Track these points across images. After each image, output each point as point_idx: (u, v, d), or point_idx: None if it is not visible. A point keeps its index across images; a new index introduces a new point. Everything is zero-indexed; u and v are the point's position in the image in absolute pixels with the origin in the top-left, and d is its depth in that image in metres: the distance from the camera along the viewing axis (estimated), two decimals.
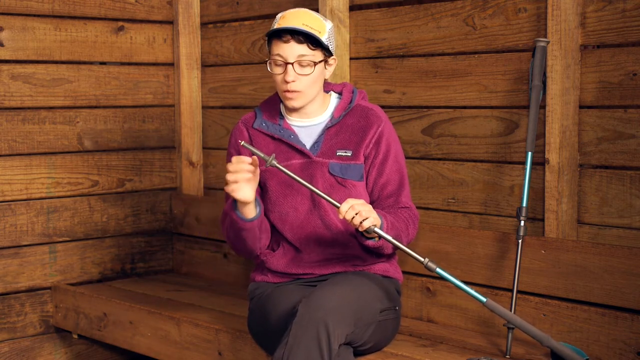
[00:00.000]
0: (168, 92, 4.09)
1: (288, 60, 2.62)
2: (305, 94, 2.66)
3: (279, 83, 2.66)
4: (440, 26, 3.14)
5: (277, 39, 2.64)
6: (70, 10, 3.76)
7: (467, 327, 3.02)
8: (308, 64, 2.63)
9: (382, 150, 2.71)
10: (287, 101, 2.68)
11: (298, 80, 2.63)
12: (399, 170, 2.73)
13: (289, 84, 2.63)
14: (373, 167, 2.71)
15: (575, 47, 2.78)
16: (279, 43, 2.63)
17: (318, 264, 2.72)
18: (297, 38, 2.61)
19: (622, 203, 2.74)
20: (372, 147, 2.71)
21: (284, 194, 2.72)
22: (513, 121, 2.98)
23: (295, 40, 2.61)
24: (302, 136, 2.75)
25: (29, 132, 3.69)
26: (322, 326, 2.39)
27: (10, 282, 3.67)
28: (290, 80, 2.62)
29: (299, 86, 2.64)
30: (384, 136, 2.71)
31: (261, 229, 2.68)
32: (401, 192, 2.72)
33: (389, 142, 2.72)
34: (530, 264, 2.82)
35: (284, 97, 2.68)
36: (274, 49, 2.64)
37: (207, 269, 3.99)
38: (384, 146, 2.71)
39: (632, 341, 2.62)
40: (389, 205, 2.71)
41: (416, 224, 2.74)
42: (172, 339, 3.23)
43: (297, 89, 2.64)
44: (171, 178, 4.13)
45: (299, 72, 2.62)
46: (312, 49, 2.63)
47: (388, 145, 2.72)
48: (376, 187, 2.72)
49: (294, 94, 2.65)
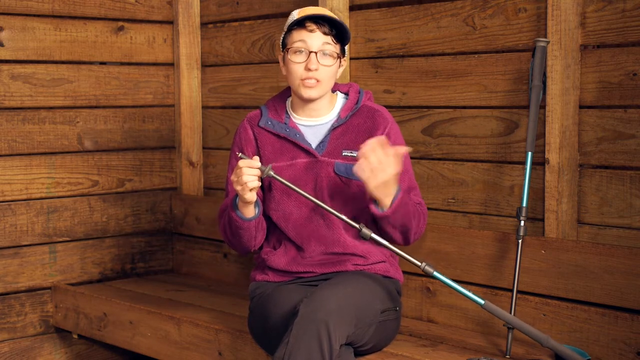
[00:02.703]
0: (168, 92, 4.09)
1: (312, 48, 2.63)
2: (323, 85, 2.67)
3: (297, 72, 2.66)
4: (440, 26, 3.14)
5: (300, 29, 2.65)
6: (70, 10, 3.76)
7: (467, 327, 3.02)
8: (331, 54, 2.64)
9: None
10: (304, 90, 2.67)
11: (320, 70, 2.64)
12: (408, 171, 2.73)
13: (311, 71, 2.63)
14: None
15: (575, 47, 2.78)
16: (303, 32, 2.64)
17: (319, 262, 2.72)
18: (322, 29, 2.63)
19: (622, 203, 2.74)
20: None
21: (288, 194, 2.72)
22: (513, 121, 2.98)
23: (320, 31, 2.63)
24: (308, 135, 2.75)
25: (29, 132, 3.69)
26: (323, 326, 2.39)
27: (10, 282, 3.67)
28: (314, 68, 2.62)
29: (320, 75, 2.64)
30: (390, 138, 2.71)
31: (258, 229, 2.69)
32: (412, 190, 2.73)
33: (396, 144, 2.73)
34: (530, 264, 2.82)
35: (301, 86, 2.67)
36: (296, 37, 2.65)
37: (207, 269, 3.99)
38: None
39: (632, 341, 2.62)
40: None
41: (426, 220, 2.73)
42: (172, 339, 3.23)
43: (317, 77, 2.64)
44: (171, 178, 4.13)
45: (321, 62, 2.64)
46: (335, 42, 2.66)
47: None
48: None
49: (314, 82, 2.65)
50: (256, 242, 2.73)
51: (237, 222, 2.64)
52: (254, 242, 2.72)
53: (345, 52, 2.73)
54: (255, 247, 2.76)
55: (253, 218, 2.64)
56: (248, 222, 2.64)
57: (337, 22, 2.65)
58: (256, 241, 2.73)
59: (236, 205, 2.63)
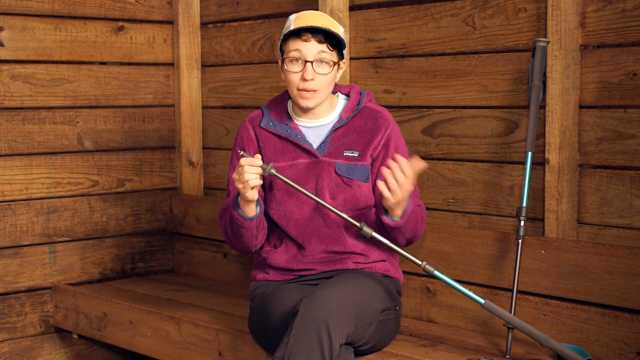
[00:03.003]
0: (168, 92, 4.09)
1: (307, 58, 2.63)
2: (320, 93, 2.67)
3: (294, 81, 2.66)
4: (440, 26, 3.14)
5: (295, 38, 2.64)
6: (70, 10, 3.76)
7: (467, 327, 3.02)
8: (327, 62, 2.64)
9: (392, 152, 2.70)
10: (301, 100, 2.67)
11: (316, 79, 2.64)
12: None
13: (307, 82, 2.63)
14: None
15: (575, 47, 2.78)
16: (298, 41, 2.64)
17: (319, 260, 2.72)
18: (317, 37, 2.63)
19: (622, 203, 2.74)
20: (381, 149, 2.71)
21: (289, 193, 2.72)
22: (513, 121, 2.98)
23: (315, 40, 2.63)
24: (309, 136, 2.75)
25: (29, 132, 3.69)
26: (323, 326, 2.39)
27: (10, 282, 3.67)
28: (309, 78, 2.63)
29: (316, 85, 2.64)
30: (392, 139, 2.72)
31: (259, 228, 2.69)
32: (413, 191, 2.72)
33: (397, 144, 2.74)
34: (530, 264, 2.82)
35: (298, 96, 2.68)
36: (292, 46, 2.65)
37: (207, 269, 3.99)
38: (393, 149, 2.71)
39: (632, 341, 2.62)
40: None
41: (425, 221, 2.75)
42: (172, 339, 3.23)
43: (313, 88, 2.64)
44: (171, 178, 4.13)
45: (317, 71, 2.63)
46: (331, 50, 2.65)
47: (396, 148, 2.72)
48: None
49: (310, 93, 2.65)
50: (257, 242, 2.73)
51: (238, 220, 2.64)
52: (254, 241, 2.72)
53: (344, 55, 2.72)
54: (256, 247, 2.76)
55: (254, 217, 2.64)
56: (249, 221, 2.64)
57: (332, 32, 2.63)
58: (257, 241, 2.73)
59: (238, 204, 2.64)
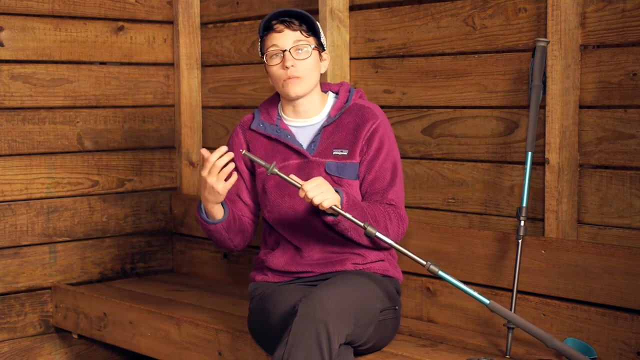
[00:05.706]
0: (168, 92, 4.09)
1: (284, 47, 2.66)
2: (304, 80, 2.67)
3: (277, 74, 2.68)
4: (440, 26, 3.14)
5: (270, 33, 2.68)
6: (70, 10, 3.76)
7: (467, 327, 3.02)
8: (304, 46, 2.65)
9: (374, 147, 2.70)
10: (288, 88, 2.68)
11: (297, 66, 2.65)
12: (391, 169, 2.71)
13: (288, 69, 2.64)
14: (363, 163, 2.71)
15: (575, 47, 2.78)
16: (273, 34, 2.67)
17: (317, 262, 2.72)
18: (290, 26, 2.66)
19: (622, 203, 2.74)
20: (365, 143, 2.71)
21: (282, 195, 2.72)
22: (513, 121, 2.98)
23: (289, 29, 2.66)
24: (299, 136, 2.76)
25: (29, 132, 3.69)
26: (322, 326, 2.39)
27: (10, 282, 3.67)
28: (290, 65, 2.64)
29: (299, 71, 2.66)
30: (377, 133, 2.71)
31: (230, 231, 2.71)
32: (389, 189, 2.70)
33: (382, 139, 2.71)
34: (530, 264, 2.82)
35: (284, 86, 2.69)
36: (268, 42, 2.69)
37: (207, 269, 3.99)
38: (376, 143, 2.70)
39: (632, 341, 2.62)
40: (375, 201, 2.70)
41: (400, 225, 2.68)
42: (172, 339, 3.23)
43: (296, 74, 2.66)
44: (171, 178, 4.13)
45: (296, 57, 2.65)
46: (306, 36, 2.67)
47: (380, 143, 2.71)
48: (365, 183, 2.71)
49: (295, 79, 2.66)
50: (236, 244, 2.75)
51: (204, 225, 2.69)
52: (230, 243, 2.74)
53: (324, 46, 2.73)
54: (237, 249, 2.78)
55: (220, 221, 2.67)
56: (214, 225, 2.67)
57: (302, 14, 2.67)
58: (234, 243, 2.75)
59: (202, 209, 2.67)
